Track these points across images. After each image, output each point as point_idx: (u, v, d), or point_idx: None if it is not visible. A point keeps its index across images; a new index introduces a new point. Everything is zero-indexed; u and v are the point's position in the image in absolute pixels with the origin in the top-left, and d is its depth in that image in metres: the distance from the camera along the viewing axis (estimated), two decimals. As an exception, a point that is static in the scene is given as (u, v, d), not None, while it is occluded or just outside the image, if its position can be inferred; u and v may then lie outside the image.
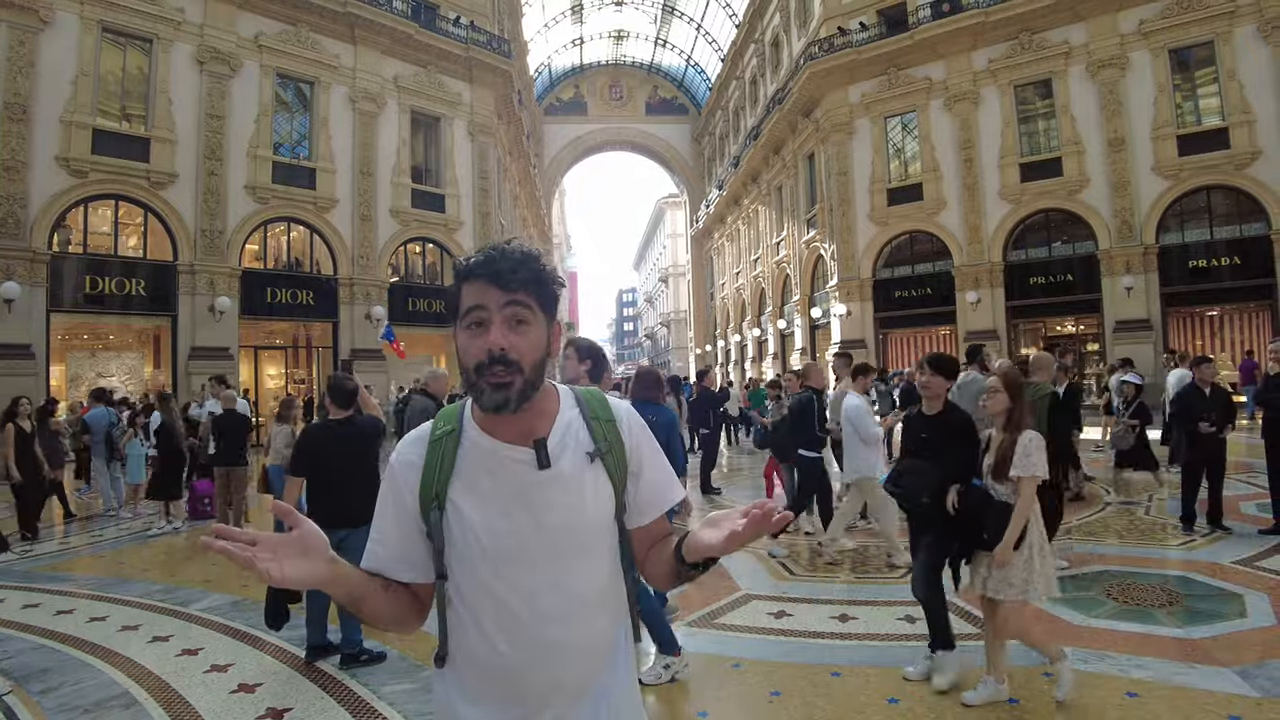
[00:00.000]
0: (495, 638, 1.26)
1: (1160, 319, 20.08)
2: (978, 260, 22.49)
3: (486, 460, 1.29)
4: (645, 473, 1.40)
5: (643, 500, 1.39)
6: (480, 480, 1.28)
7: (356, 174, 21.25)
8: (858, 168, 24.93)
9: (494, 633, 1.26)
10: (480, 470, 1.28)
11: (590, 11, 41.91)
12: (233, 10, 19.15)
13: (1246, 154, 18.87)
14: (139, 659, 4.65)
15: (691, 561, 1.24)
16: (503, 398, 1.22)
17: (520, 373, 1.23)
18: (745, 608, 5.13)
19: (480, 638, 1.28)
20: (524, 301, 1.25)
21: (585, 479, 1.31)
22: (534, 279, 1.26)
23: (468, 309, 1.26)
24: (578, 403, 1.39)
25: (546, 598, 1.27)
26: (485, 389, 1.22)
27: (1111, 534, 7.05)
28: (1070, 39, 21.23)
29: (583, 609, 1.30)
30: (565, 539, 1.28)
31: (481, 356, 1.22)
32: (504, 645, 1.26)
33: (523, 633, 1.26)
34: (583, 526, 1.30)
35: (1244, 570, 5.66)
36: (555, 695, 1.29)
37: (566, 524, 1.28)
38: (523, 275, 1.25)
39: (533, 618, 1.26)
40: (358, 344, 20.87)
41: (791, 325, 30.55)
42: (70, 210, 16.87)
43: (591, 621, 1.31)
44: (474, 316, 1.25)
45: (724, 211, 41.42)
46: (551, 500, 1.27)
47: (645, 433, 1.44)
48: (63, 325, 17.57)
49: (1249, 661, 3.93)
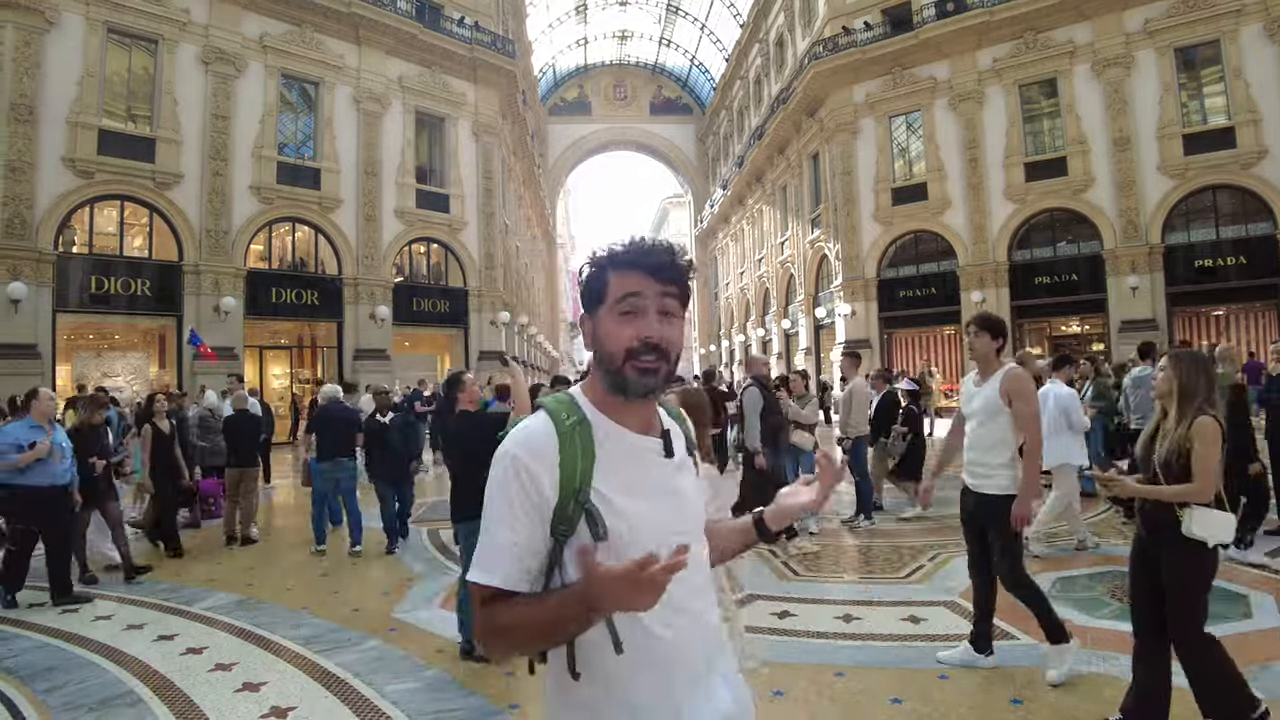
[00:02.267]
0: (652, 624, 1.24)
1: (1166, 319, 20.01)
2: (982, 260, 22.44)
3: (627, 449, 1.29)
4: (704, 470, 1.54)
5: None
6: (625, 469, 1.28)
7: (361, 174, 21.28)
8: (862, 167, 24.89)
9: (651, 620, 1.23)
10: (623, 459, 1.28)
11: (594, 11, 41.91)
12: (238, 11, 19.20)
13: (1253, 153, 18.79)
14: (144, 657, 4.66)
15: (777, 530, 1.45)
16: (651, 383, 1.26)
17: (667, 361, 1.27)
18: (749, 608, 5.12)
19: (637, 629, 1.23)
20: (674, 295, 1.30)
21: (690, 470, 1.41)
22: (683, 275, 1.32)
23: (622, 295, 1.27)
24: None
25: (688, 578, 1.24)
26: (631, 375, 1.25)
27: (1114, 534, 7.03)
28: (1075, 38, 21.17)
29: (708, 584, 1.41)
30: (692, 524, 1.36)
31: (633, 343, 1.25)
32: (661, 629, 1.26)
33: (676, 614, 1.26)
34: (699, 511, 1.40)
35: (1250, 571, 5.63)
36: (702, 668, 1.34)
37: (690, 510, 1.36)
38: (676, 270, 1.30)
39: (683, 596, 1.25)
40: (362, 344, 20.90)
41: (796, 325, 30.52)
42: (76, 211, 16.92)
43: (712, 596, 1.43)
44: (629, 304, 1.27)
45: (728, 211, 41.40)
46: (680, 486, 1.35)
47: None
48: (68, 325, 17.63)
49: (1254, 662, 3.90)
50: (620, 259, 1.30)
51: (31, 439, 5.93)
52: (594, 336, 1.31)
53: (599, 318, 1.29)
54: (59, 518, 6.09)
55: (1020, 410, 3.86)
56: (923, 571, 5.98)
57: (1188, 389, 3.12)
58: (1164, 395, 3.23)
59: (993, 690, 3.78)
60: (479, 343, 23.83)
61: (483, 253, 24.22)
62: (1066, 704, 3.58)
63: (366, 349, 20.83)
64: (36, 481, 5.91)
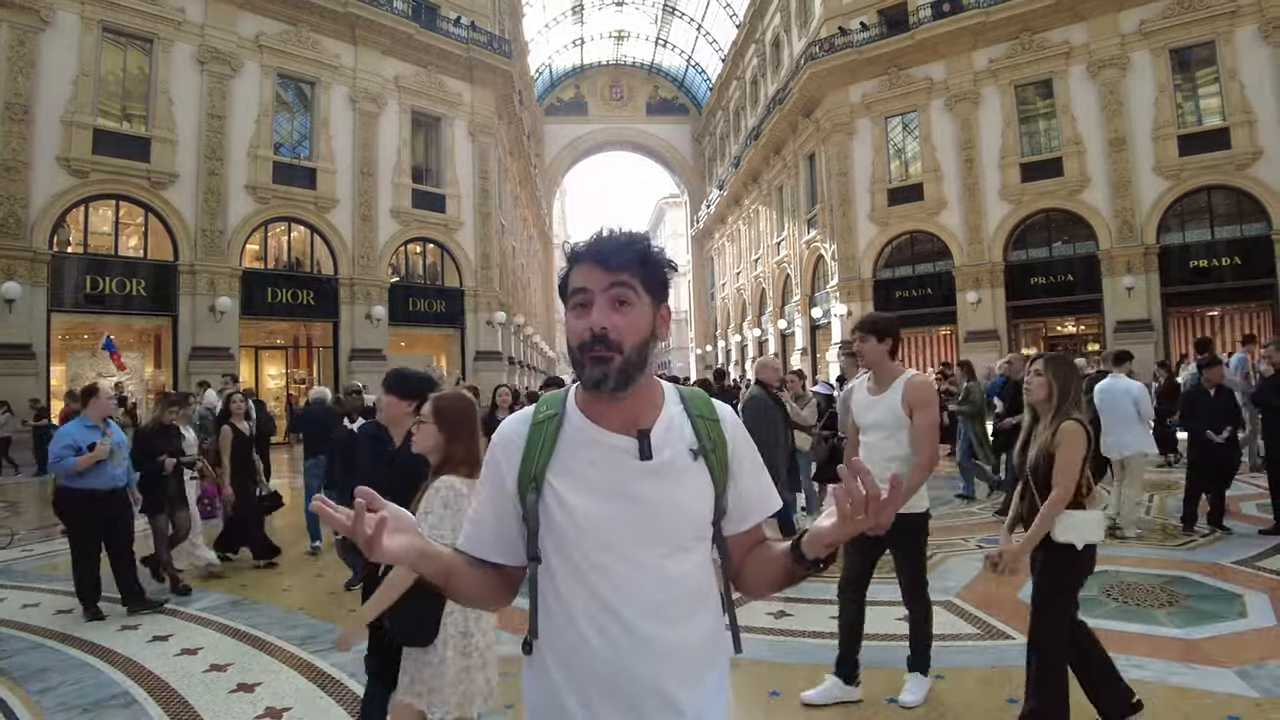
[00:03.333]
0: (585, 628, 1.25)
1: (1161, 319, 20.07)
2: (978, 260, 22.48)
3: (588, 446, 1.29)
4: (746, 477, 1.38)
5: (745, 505, 1.38)
6: (580, 466, 1.28)
7: (357, 174, 21.26)
8: (858, 168, 24.93)
9: (584, 623, 1.25)
10: (581, 456, 1.28)
11: (591, 12, 41.92)
12: (233, 10, 19.17)
13: (1247, 154, 18.86)
14: (138, 658, 4.64)
15: (813, 557, 1.23)
16: (601, 373, 1.23)
17: (620, 352, 1.23)
18: (744, 608, 5.10)
19: (570, 626, 1.26)
20: (626, 282, 1.26)
21: (688, 475, 1.30)
22: (637, 259, 1.28)
23: (574, 290, 1.28)
24: (681, 400, 1.39)
25: (639, 590, 1.25)
26: (586, 365, 1.25)
27: (1111, 534, 7.04)
28: (1071, 39, 21.22)
29: (675, 608, 1.27)
30: (662, 533, 1.27)
31: (583, 336, 1.25)
32: (594, 637, 1.24)
33: (613, 626, 1.24)
34: (681, 523, 1.29)
35: (1244, 570, 5.65)
36: (645, 700, 1.24)
37: (664, 518, 1.27)
38: (626, 256, 1.27)
39: (624, 610, 1.24)
40: (358, 344, 20.89)
41: (792, 325, 30.55)
42: (71, 210, 16.90)
43: (684, 623, 1.28)
44: (579, 298, 1.27)
45: (724, 212, 41.43)
46: (650, 492, 1.26)
47: (747, 437, 1.42)
48: (63, 325, 17.60)
49: (1249, 662, 3.92)
50: (575, 253, 1.31)
51: (90, 440, 5.59)
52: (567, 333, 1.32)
53: (566, 314, 1.31)
54: (119, 521, 5.77)
55: (920, 423, 3.56)
56: (919, 571, 5.98)
57: (1064, 392, 3.18)
58: (1039, 401, 3.25)
59: (989, 689, 3.78)
60: (475, 343, 23.83)
61: (479, 253, 24.20)
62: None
63: (362, 349, 20.81)
64: (93, 485, 5.56)
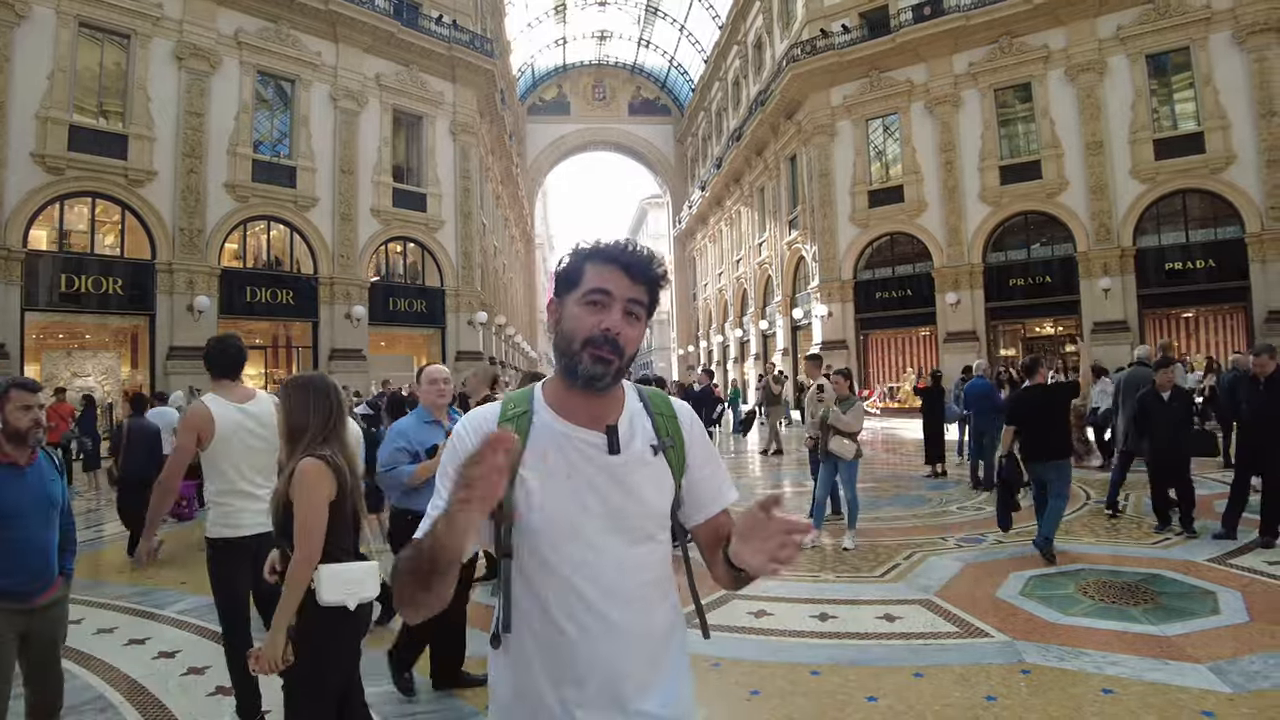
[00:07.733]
0: (559, 618, 1.29)
1: (1137, 320, 20.35)
2: (958, 262, 22.68)
3: (558, 441, 1.33)
4: (702, 470, 1.45)
5: (699, 496, 1.45)
6: (551, 460, 1.31)
7: (337, 172, 21.10)
8: (839, 169, 25.08)
9: (558, 613, 1.29)
10: (551, 451, 1.32)
11: (574, 11, 41.85)
12: (212, 7, 18.97)
13: (1221, 158, 19.15)
14: (115, 662, 4.60)
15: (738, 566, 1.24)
16: (600, 371, 1.29)
17: (620, 358, 1.30)
18: (725, 607, 5.13)
19: (544, 617, 1.30)
20: (641, 299, 1.33)
21: (650, 469, 1.36)
22: (655, 281, 1.36)
23: (594, 287, 1.31)
24: (640, 397, 1.44)
25: (610, 579, 1.30)
26: (586, 360, 1.29)
27: (1087, 532, 7.13)
28: (1050, 43, 21.48)
29: (643, 593, 1.35)
30: (629, 524, 1.33)
31: (594, 331, 1.29)
32: (569, 625, 1.29)
33: (587, 614, 1.29)
34: (645, 514, 1.35)
35: (1217, 568, 5.74)
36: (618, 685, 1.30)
37: (631, 510, 1.33)
38: (649, 275, 1.34)
39: (597, 598, 1.29)
40: (338, 344, 20.73)
41: (773, 326, 30.66)
42: (46, 208, 16.63)
43: (653, 609, 1.37)
44: (597, 297, 1.31)
45: (706, 212, 41.51)
46: (618, 485, 1.32)
47: (703, 433, 1.50)
48: (38, 324, 17.35)
49: (1222, 658, 3.99)
50: (600, 253, 1.34)
51: (432, 441, 3.98)
52: (559, 321, 1.35)
53: (566, 303, 1.34)
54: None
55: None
56: (898, 570, 6.03)
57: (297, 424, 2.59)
58: None
59: (967, 687, 3.82)
60: (456, 343, 23.71)
61: (460, 252, 24.10)
62: (1038, 702, 3.62)
63: (342, 349, 20.67)
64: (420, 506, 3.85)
